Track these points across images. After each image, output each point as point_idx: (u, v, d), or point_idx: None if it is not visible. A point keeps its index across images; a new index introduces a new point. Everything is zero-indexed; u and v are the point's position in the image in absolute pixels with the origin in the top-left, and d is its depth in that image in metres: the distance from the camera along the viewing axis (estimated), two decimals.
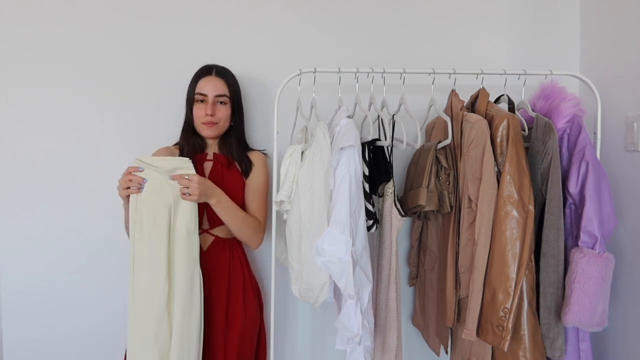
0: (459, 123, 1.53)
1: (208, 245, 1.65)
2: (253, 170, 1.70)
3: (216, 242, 1.66)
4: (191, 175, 1.47)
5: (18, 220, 1.90)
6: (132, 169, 1.46)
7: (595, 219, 1.42)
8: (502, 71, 1.62)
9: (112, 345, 1.92)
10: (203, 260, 1.59)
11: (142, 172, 1.46)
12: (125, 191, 1.45)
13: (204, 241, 1.65)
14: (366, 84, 1.64)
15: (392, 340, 1.61)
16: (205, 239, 1.65)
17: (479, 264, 1.43)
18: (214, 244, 1.66)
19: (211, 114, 1.62)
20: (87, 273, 1.93)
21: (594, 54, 1.85)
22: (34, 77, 1.88)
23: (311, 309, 1.98)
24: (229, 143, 1.71)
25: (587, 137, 1.48)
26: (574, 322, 1.40)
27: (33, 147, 1.89)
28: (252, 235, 1.63)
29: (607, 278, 1.41)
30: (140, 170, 1.46)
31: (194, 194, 1.45)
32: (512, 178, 1.40)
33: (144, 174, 1.46)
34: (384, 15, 1.94)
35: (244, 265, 1.71)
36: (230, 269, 1.66)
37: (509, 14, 1.95)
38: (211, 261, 1.63)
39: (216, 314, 1.61)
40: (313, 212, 1.46)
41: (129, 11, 1.89)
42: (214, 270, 1.63)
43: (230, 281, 1.65)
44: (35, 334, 1.93)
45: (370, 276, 1.50)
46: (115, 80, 1.90)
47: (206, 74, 1.67)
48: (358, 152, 1.46)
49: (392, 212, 1.57)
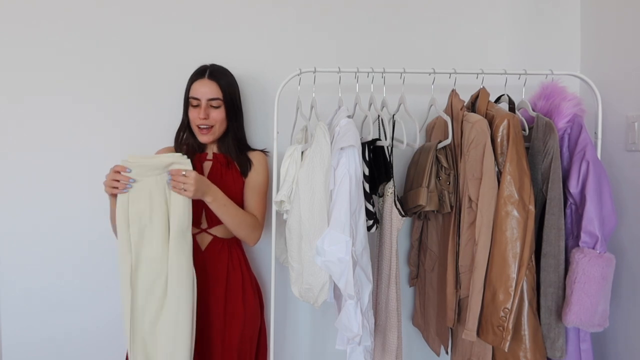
0: (459, 123, 1.52)
1: (206, 245, 1.65)
2: (252, 169, 1.70)
3: (214, 242, 1.65)
4: (188, 171, 1.45)
5: (18, 220, 1.90)
6: (118, 167, 1.43)
7: (596, 219, 1.42)
8: (503, 71, 1.62)
9: (112, 346, 1.92)
10: (201, 259, 1.59)
11: (131, 173, 1.44)
12: (111, 190, 1.44)
13: (202, 241, 1.64)
14: (366, 84, 1.64)
15: (392, 340, 1.61)
16: (203, 239, 1.65)
17: (480, 264, 1.43)
18: (213, 244, 1.65)
19: (204, 117, 1.62)
20: (87, 274, 1.92)
21: (595, 53, 1.84)
22: (32, 78, 1.87)
23: (311, 309, 1.98)
24: (227, 144, 1.71)
25: (587, 137, 1.47)
26: (575, 322, 1.40)
27: (33, 148, 1.89)
28: (249, 233, 1.62)
29: (607, 278, 1.41)
30: (127, 171, 1.43)
31: (190, 190, 1.44)
32: (512, 178, 1.39)
33: (134, 174, 1.44)
34: (384, 15, 1.94)
35: (243, 265, 1.71)
36: (229, 269, 1.65)
37: (509, 13, 1.95)
38: (209, 261, 1.63)
39: (214, 314, 1.61)
40: (313, 212, 1.46)
41: (129, 12, 1.89)
42: (213, 270, 1.63)
43: (228, 281, 1.64)
44: (34, 334, 1.93)
45: (371, 276, 1.50)
46: (115, 81, 1.90)
47: (199, 76, 1.66)
48: (358, 152, 1.46)
49: (392, 212, 1.57)
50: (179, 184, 1.44)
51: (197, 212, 1.63)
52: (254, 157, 1.73)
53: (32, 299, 1.92)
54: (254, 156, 1.73)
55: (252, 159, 1.72)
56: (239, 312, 1.63)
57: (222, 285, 1.63)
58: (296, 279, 1.54)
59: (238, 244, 1.73)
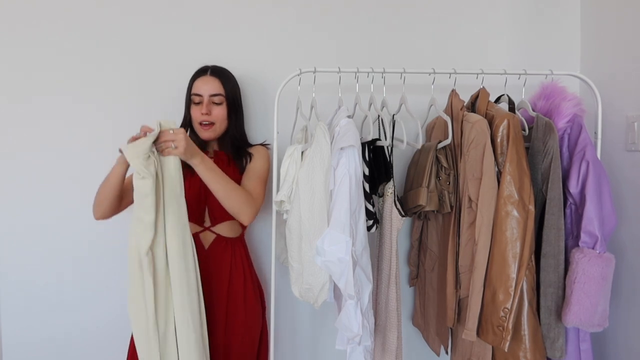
0: (459, 123, 1.52)
1: (209, 244, 1.64)
2: (252, 159, 1.69)
3: (218, 241, 1.65)
4: (176, 129, 1.38)
5: (18, 220, 1.90)
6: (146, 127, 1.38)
7: (595, 219, 1.42)
8: (503, 71, 1.62)
9: (113, 345, 1.92)
10: (204, 259, 1.58)
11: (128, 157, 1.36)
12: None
13: (206, 239, 1.64)
14: (366, 84, 1.64)
15: (392, 340, 1.61)
16: (206, 237, 1.64)
17: (479, 264, 1.43)
18: (216, 242, 1.65)
19: (206, 113, 1.63)
20: (87, 274, 1.92)
21: (595, 53, 1.85)
22: (32, 78, 1.88)
23: (311, 309, 1.98)
24: (227, 142, 1.71)
25: (587, 137, 1.47)
26: (575, 322, 1.40)
27: (33, 148, 1.89)
28: (241, 206, 1.50)
29: (607, 278, 1.41)
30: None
31: (180, 146, 1.35)
32: (512, 178, 1.39)
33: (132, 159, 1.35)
34: (384, 15, 1.94)
35: (246, 265, 1.70)
36: (231, 268, 1.65)
37: (509, 13, 1.95)
38: (212, 260, 1.62)
39: (217, 313, 1.60)
40: (313, 212, 1.46)
41: (129, 12, 1.89)
42: (216, 269, 1.62)
43: (231, 281, 1.64)
44: (34, 334, 1.93)
45: (371, 276, 1.50)
46: (115, 81, 1.90)
47: (202, 74, 1.68)
48: (358, 152, 1.46)
49: (392, 212, 1.57)
50: (168, 142, 1.36)
51: (200, 209, 1.63)
52: (254, 150, 1.72)
53: (32, 299, 1.92)
54: (254, 149, 1.73)
55: (252, 152, 1.71)
56: (241, 312, 1.63)
57: (224, 284, 1.63)
58: (296, 279, 1.54)
59: (242, 244, 1.73)
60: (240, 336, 1.62)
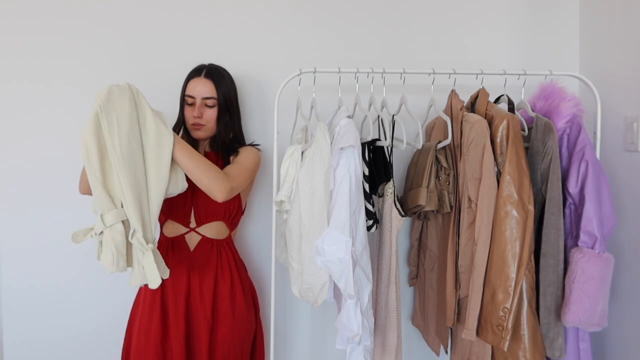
0: (458, 123, 1.53)
1: (195, 245, 1.62)
2: (237, 154, 1.65)
3: (203, 242, 1.63)
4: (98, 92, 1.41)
5: (19, 220, 1.90)
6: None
7: (594, 219, 1.42)
8: (502, 71, 1.62)
9: (113, 345, 1.92)
10: (189, 261, 1.57)
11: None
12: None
13: (191, 241, 1.63)
14: (366, 84, 1.64)
15: (392, 340, 1.61)
16: (192, 238, 1.63)
17: (479, 264, 1.44)
18: (201, 244, 1.63)
19: (198, 116, 1.62)
20: (87, 273, 1.92)
21: (594, 54, 1.85)
22: (31, 76, 1.88)
23: (311, 309, 1.98)
24: (218, 143, 1.69)
25: (586, 137, 1.48)
26: (574, 321, 1.40)
27: (35, 146, 1.89)
28: (213, 181, 1.43)
29: (606, 278, 1.41)
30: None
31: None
32: (511, 178, 1.40)
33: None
34: (384, 15, 1.95)
35: (233, 267, 1.66)
36: (217, 271, 1.62)
37: (508, 14, 1.95)
38: (198, 262, 1.60)
39: (202, 316, 1.58)
40: (313, 212, 1.46)
41: (129, 12, 1.89)
42: (201, 272, 1.60)
43: (217, 284, 1.61)
44: (35, 334, 1.93)
45: (370, 276, 1.50)
46: (115, 81, 1.89)
47: (196, 75, 1.66)
48: (358, 152, 1.46)
49: (392, 212, 1.57)
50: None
51: (186, 210, 1.61)
52: (242, 148, 1.69)
53: (33, 299, 1.92)
54: (243, 148, 1.69)
55: (240, 150, 1.67)
56: (228, 316, 1.60)
57: (210, 287, 1.60)
58: (296, 279, 1.55)
59: (229, 246, 1.69)
60: (227, 340, 1.59)
